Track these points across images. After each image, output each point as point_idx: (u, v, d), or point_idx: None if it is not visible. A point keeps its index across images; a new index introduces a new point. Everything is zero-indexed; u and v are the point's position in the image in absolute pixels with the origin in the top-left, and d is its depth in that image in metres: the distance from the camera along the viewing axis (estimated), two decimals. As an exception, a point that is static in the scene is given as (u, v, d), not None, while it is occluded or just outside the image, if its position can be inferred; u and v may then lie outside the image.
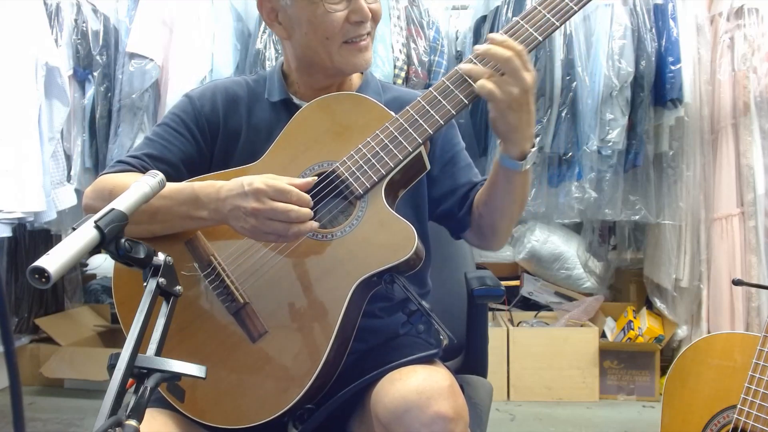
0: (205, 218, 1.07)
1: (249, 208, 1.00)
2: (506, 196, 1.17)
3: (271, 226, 1.01)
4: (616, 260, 3.57)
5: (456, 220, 1.27)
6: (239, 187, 1.02)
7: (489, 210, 1.21)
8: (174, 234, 1.12)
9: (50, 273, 0.68)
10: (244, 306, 1.08)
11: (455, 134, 1.32)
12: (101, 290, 3.93)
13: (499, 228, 1.23)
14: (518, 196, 1.18)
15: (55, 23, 2.87)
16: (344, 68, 1.21)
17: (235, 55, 2.88)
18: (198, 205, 1.06)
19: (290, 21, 1.20)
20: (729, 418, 1.54)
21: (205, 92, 1.27)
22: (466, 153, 1.33)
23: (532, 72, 1.05)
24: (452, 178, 1.28)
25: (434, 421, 0.95)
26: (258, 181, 1.01)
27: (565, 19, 1.10)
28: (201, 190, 1.06)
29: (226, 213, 1.03)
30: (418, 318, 1.08)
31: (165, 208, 1.07)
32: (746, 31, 2.79)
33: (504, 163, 1.13)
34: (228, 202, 1.03)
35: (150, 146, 1.22)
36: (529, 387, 3.08)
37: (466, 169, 1.30)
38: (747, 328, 2.70)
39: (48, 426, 2.77)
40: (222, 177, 1.16)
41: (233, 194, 1.02)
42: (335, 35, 1.16)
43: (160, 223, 1.09)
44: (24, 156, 2.59)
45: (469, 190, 1.27)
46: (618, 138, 2.74)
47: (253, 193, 1.00)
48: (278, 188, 1.01)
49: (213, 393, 1.06)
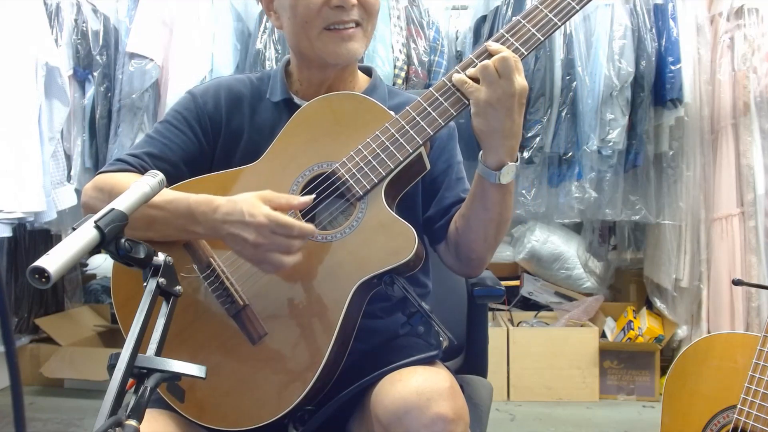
0: (201, 233, 1.06)
1: (250, 241, 1.00)
2: (481, 211, 1.14)
3: (269, 257, 1.01)
4: (616, 260, 3.57)
5: (432, 230, 1.26)
6: (239, 214, 1.00)
7: (465, 224, 1.17)
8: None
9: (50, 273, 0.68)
10: (243, 308, 1.08)
11: (455, 146, 1.31)
12: (101, 290, 3.93)
13: (474, 248, 1.18)
14: (495, 214, 1.13)
15: (55, 23, 2.87)
16: (325, 56, 1.18)
17: (235, 55, 2.88)
18: (193, 220, 1.05)
19: (280, 8, 1.20)
20: (729, 418, 1.54)
21: (209, 89, 1.26)
22: (461, 168, 1.31)
23: (523, 80, 1.05)
24: (442, 188, 1.26)
25: (434, 422, 0.95)
26: (260, 213, 0.99)
27: (566, 18, 1.10)
28: (196, 207, 1.04)
29: (224, 235, 1.03)
30: (418, 319, 1.08)
31: (162, 218, 1.06)
32: (746, 31, 2.79)
33: (480, 171, 1.11)
34: (226, 228, 1.02)
35: (150, 144, 1.21)
36: (529, 387, 3.08)
37: (457, 182, 1.27)
38: (747, 328, 2.70)
39: (48, 426, 2.77)
40: (221, 178, 1.16)
41: (232, 220, 1.01)
42: (313, 20, 1.15)
43: (156, 232, 1.08)
44: (24, 156, 2.58)
45: (453, 203, 1.24)
46: (618, 138, 2.74)
47: (255, 226, 0.99)
48: (282, 224, 1.00)
49: (213, 395, 1.06)
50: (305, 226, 1.01)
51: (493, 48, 1.07)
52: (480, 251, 1.19)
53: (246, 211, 1.00)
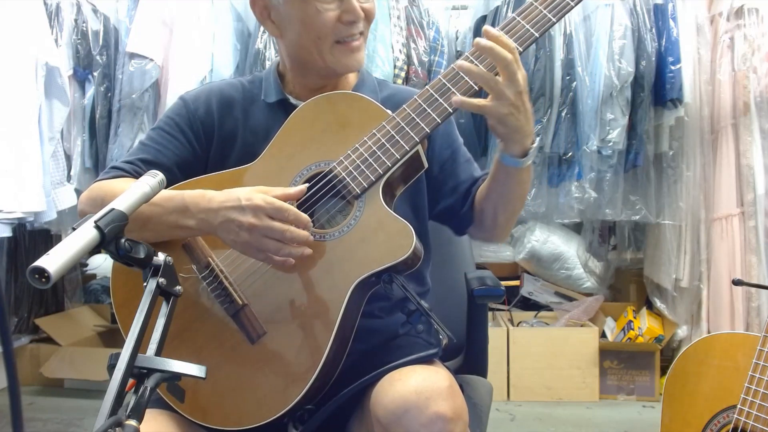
0: (192, 227, 1.06)
1: (246, 223, 1.00)
2: (508, 193, 1.18)
3: (264, 243, 1.01)
4: (616, 260, 3.57)
5: (459, 217, 1.27)
6: (235, 200, 1.02)
7: (490, 205, 1.21)
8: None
9: (50, 273, 0.68)
10: (242, 307, 1.08)
11: (453, 130, 1.32)
12: (101, 290, 3.92)
13: (501, 222, 1.24)
14: (520, 191, 1.19)
15: (55, 23, 2.87)
16: (336, 68, 1.21)
17: (235, 56, 2.88)
18: (186, 214, 1.05)
19: (282, 20, 1.20)
20: (729, 418, 1.54)
21: (200, 95, 1.27)
22: (465, 148, 1.32)
23: (522, 71, 1.05)
24: (453, 176, 1.27)
25: (433, 422, 0.95)
26: (257, 197, 1.01)
27: (561, 14, 1.10)
28: (190, 199, 1.05)
29: (217, 224, 1.03)
30: (417, 318, 1.08)
31: (155, 216, 1.06)
32: (746, 31, 2.79)
33: (505, 161, 1.13)
34: (221, 214, 1.02)
35: (144, 151, 1.22)
36: (529, 387, 3.08)
37: (467, 164, 1.30)
38: (747, 328, 2.70)
39: (48, 426, 2.77)
40: (219, 178, 1.16)
41: (228, 206, 1.02)
42: (327, 35, 1.16)
43: (151, 231, 1.08)
44: (24, 156, 2.59)
45: (471, 185, 1.26)
46: (618, 138, 2.74)
47: (252, 208, 1.00)
48: (277, 207, 1.01)
49: (213, 394, 1.06)
50: (301, 214, 1.02)
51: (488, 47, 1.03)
52: (506, 222, 1.24)
53: (243, 196, 1.02)
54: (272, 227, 1.00)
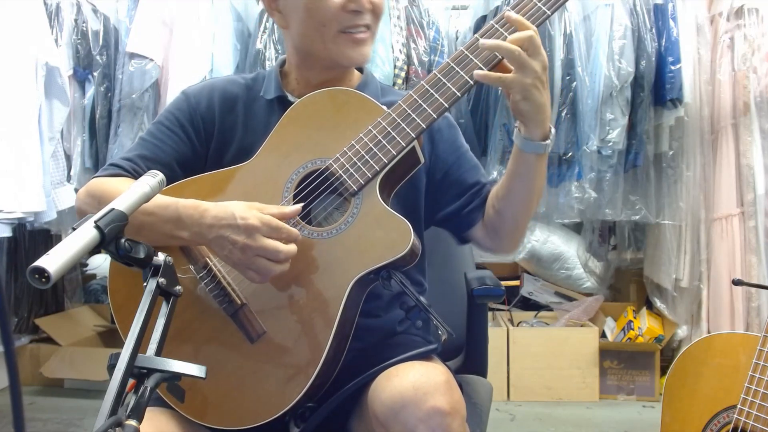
0: (185, 239, 1.06)
1: (240, 243, 1.00)
2: (529, 187, 1.15)
3: (257, 263, 1.01)
4: (616, 260, 3.56)
5: (460, 218, 1.25)
6: (230, 217, 1.01)
7: (509, 207, 1.18)
8: None
9: (50, 273, 0.68)
10: (241, 307, 1.08)
11: (458, 137, 1.30)
12: (101, 290, 3.93)
13: (521, 223, 1.20)
14: (538, 184, 1.16)
15: (55, 23, 2.87)
16: (339, 59, 1.20)
17: (235, 55, 2.88)
18: (179, 225, 1.05)
19: (288, 8, 1.20)
20: (729, 418, 1.54)
21: (202, 90, 1.27)
22: (471, 154, 1.30)
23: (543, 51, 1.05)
24: (458, 182, 1.25)
25: (430, 416, 0.94)
26: (252, 216, 1.01)
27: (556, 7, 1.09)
28: (183, 211, 1.05)
29: (210, 239, 1.03)
30: (416, 314, 1.08)
31: (149, 224, 1.05)
32: (746, 31, 2.79)
33: (526, 148, 1.10)
34: (214, 231, 1.02)
35: (143, 147, 1.22)
36: (529, 387, 3.08)
37: (473, 170, 1.27)
38: (747, 328, 2.70)
39: (48, 426, 2.77)
40: (216, 177, 1.16)
41: (222, 224, 1.01)
42: (330, 22, 1.16)
43: (144, 238, 1.07)
44: (24, 156, 2.58)
45: (478, 190, 1.24)
46: (618, 138, 2.73)
47: (246, 228, 1.00)
48: (272, 226, 1.01)
49: (213, 394, 1.06)
50: (291, 230, 1.03)
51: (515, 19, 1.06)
52: (523, 224, 1.21)
53: (238, 214, 1.01)
54: (266, 247, 1.00)
